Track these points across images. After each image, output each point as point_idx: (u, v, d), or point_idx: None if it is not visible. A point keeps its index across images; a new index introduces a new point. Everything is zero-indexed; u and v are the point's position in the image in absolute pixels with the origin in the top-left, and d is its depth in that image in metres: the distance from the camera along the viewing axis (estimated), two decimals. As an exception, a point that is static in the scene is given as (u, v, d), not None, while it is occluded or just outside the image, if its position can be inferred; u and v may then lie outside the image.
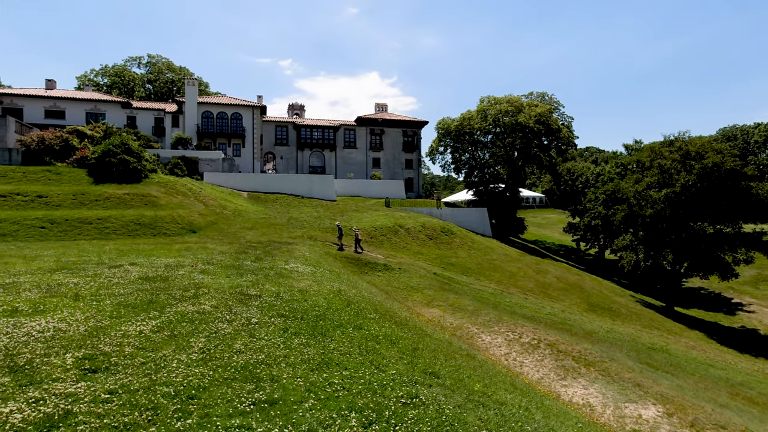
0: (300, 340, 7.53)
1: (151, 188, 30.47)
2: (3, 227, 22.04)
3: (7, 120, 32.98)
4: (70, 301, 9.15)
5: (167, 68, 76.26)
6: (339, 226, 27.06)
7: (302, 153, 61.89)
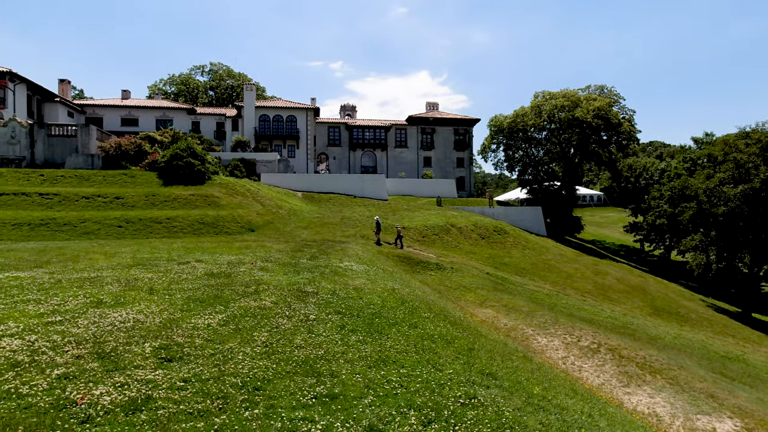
0: (357, 337, 7.69)
1: (213, 189, 32.15)
2: (87, 226, 24.17)
3: (90, 129, 36.04)
4: (146, 295, 9.87)
5: (227, 75, 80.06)
6: (378, 221, 27.23)
7: (354, 153, 62.84)
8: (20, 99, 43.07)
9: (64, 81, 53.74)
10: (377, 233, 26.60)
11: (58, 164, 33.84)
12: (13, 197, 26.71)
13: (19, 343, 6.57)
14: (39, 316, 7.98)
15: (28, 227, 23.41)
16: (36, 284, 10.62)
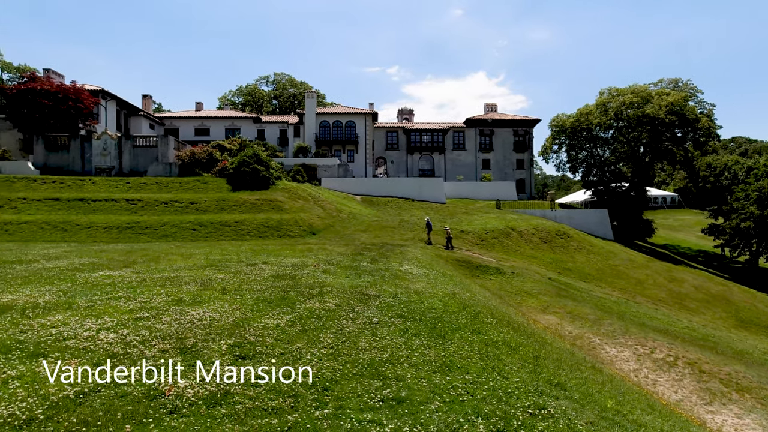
0: (420, 341, 7.71)
1: (277, 194, 33.54)
2: (166, 229, 26.14)
3: (168, 139, 39.04)
4: (219, 294, 10.50)
5: (290, 84, 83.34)
6: (428, 222, 28.01)
7: (412, 156, 62.95)
8: (111, 114, 47.55)
9: (146, 96, 58.73)
10: (428, 233, 27.60)
11: (141, 172, 36.91)
12: (104, 203, 29.47)
13: (114, 336, 7.24)
14: (129, 311, 8.74)
15: (117, 230, 25.70)
16: (125, 282, 11.64)
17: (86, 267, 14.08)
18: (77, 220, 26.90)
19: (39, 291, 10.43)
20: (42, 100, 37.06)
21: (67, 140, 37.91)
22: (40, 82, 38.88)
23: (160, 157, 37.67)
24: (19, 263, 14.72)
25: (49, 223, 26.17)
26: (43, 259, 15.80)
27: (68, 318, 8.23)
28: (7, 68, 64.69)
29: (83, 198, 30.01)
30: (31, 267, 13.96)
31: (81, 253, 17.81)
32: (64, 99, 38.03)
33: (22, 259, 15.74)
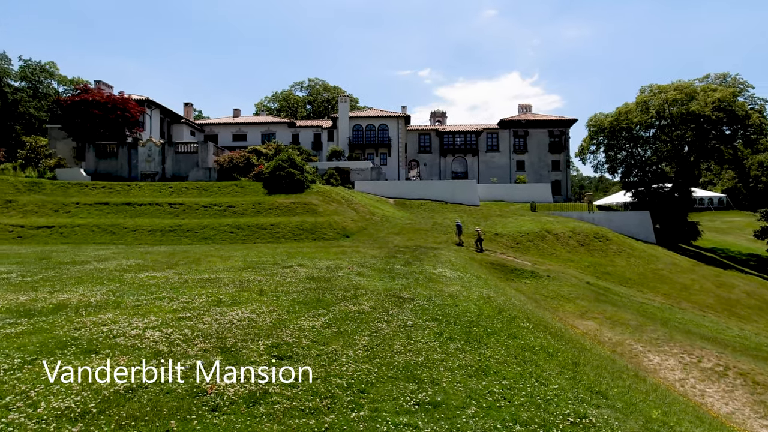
0: (455, 345, 7.65)
1: (311, 197, 34.08)
2: (206, 232, 27.05)
3: (208, 145, 40.48)
4: (257, 296, 10.76)
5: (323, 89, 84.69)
6: (458, 224, 28.19)
7: (445, 159, 62.59)
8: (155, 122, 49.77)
9: (188, 104, 61.16)
10: (458, 235, 27.77)
11: (183, 177, 38.38)
12: (149, 207, 30.82)
13: (159, 335, 7.55)
14: (173, 311, 9.10)
15: (160, 233, 26.81)
16: (168, 283, 12.12)
17: (133, 268, 14.76)
18: (124, 223, 28.25)
19: (91, 291, 11.02)
20: (93, 110, 39.21)
21: (115, 148, 39.93)
22: (91, 93, 41.16)
23: (201, 163, 39.06)
24: (72, 264, 15.60)
25: (99, 226, 27.61)
26: (94, 260, 16.68)
27: (117, 317, 8.65)
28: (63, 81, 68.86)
29: (130, 202, 31.51)
30: (83, 268, 14.77)
31: (128, 254, 18.70)
32: (113, 109, 40.10)
33: (75, 260, 16.67)
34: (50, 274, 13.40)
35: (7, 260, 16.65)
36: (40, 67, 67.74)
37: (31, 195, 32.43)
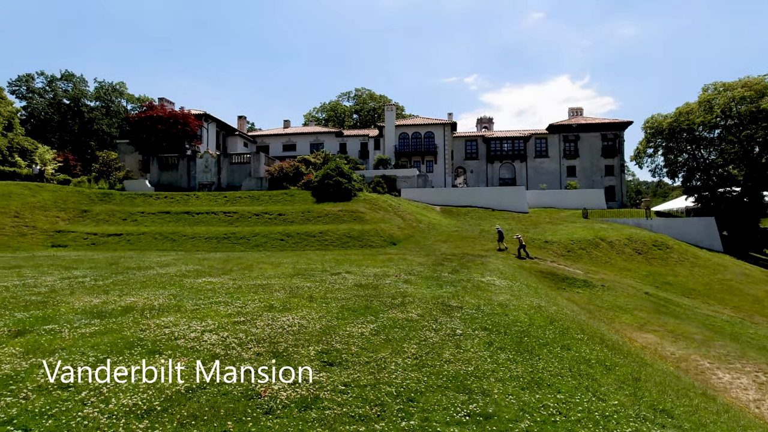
0: (506, 355, 7.46)
1: (358, 205, 34.53)
2: (257, 239, 28.07)
3: (260, 156, 42.18)
4: (306, 302, 11.01)
5: (370, 98, 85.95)
6: (499, 230, 28.00)
7: (492, 165, 61.53)
8: (211, 134, 52.45)
9: (241, 117, 64.10)
10: (499, 241, 27.62)
11: (236, 187, 40.13)
12: (205, 215, 32.42)
13: (216, 338, 7.89)
14: (228, 316, 9.49)
15: (216, 240, 28.10)
16: (224, 289, 12.66)
17: (191, 273, 15.55)
18: (183, 231, 29.86)
19: (154, 294, 11.71)
20: (157, 125, 41.99)
21: (176, 160, 42.45)
22: (155, 110, 44.11)
23: (253, 173, 40.68)
24: (138, 269, 16.67)
25: (161, 234, 29.36)
26: (156, 266, 17.74)
27: (178, 319, 9.12)
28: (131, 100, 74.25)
29: (188, 211, 33.29)
30: (147, 273, 15.74)
31: (186, 261, 19.72)
32: (174, 123, 42.73)
33: (141, 265, 17.80)
34: (119, 279, 14.38)
35: (82, 265, 18.05)
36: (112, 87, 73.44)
37: (103, 205, 35.03)
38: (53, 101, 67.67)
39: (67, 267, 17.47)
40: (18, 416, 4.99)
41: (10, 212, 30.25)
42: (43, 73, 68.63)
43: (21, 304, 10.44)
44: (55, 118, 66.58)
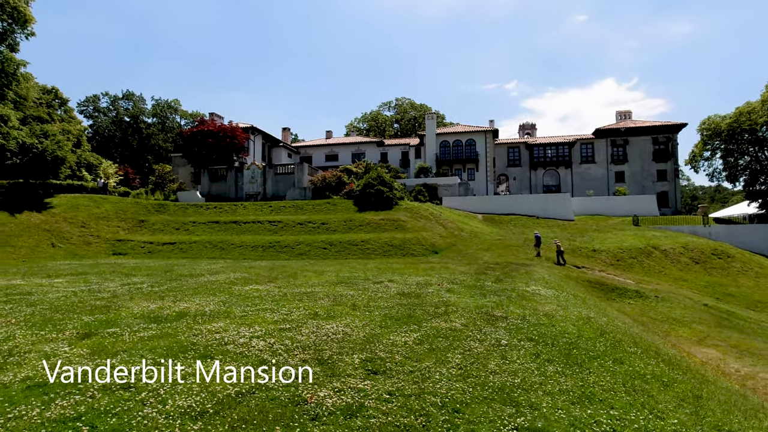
0: (554, 367, 7.22)
1: (399, 214, 34.61)
2: (301, 248, 28.71)
3: (303, 166, 43.29)
4: (350, 310, 11.13)
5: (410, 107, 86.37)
6: (537, 236, 27.64)
7: (535, 172, 60.07)
8: (257, 146, 54.37)
9: (285, 129, 66.07)
10: (537, 247, 27.26)
11: (281, 197, 41.30)
12: (251, 225, 33.55)
13: (263, 344, 8.13)
14: (274, 322, 9.75)
15: (261, 249, 28.98)
16: (270, 296, 13.03)
17: (239, 281, 16.11)
18: (231, 239, 31.02)
19: (205, 301, 12.23)
20: (208, 139, 44.07)
21: (224, 171, 44.30)
22: (206, 124, 46.34)
23: (297, 183, 41.75)
24: (190, 276, 17.46)
25: (210, 243, 30.63)
26: (207, 273, 18.51)
27: (227, 325, 9.47)
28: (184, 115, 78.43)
29: (236, 221, 34.57)
30: (198, 280, 16.46)
31: (234, 268, 20.45)
32: (223, 137, 44.69)
33: (192, 273, 18.63)
34: (173, 285, 15.12)
35: (140, 272, 19.13)
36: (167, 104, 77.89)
37: (158, 215, 37.02)
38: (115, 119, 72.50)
39: (127, 274, 18.57)
40: (85, 414, 5.34)
41: (77, 222, 32.54)
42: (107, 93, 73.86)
43: (87, 309, 11.20)
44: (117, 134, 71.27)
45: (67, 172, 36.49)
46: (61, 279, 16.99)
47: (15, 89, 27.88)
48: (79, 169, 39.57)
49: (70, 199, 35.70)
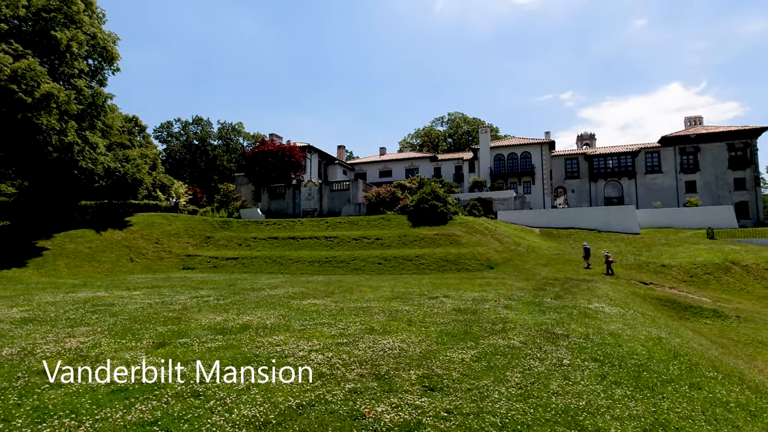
0: (622, 391, 6.83)
1: (454, 228, 34.28)
2: (356, 263, 29.16)
3: (358, 182, 44.19)
4: (405, 326, 11.15)
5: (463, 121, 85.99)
6: (586, 248, 27.53)
7: (595, 184, 57.42)
8: (314, 164, 56.23)
9: (341, 147, 67.99)
10: (586, 258, 27.16)
11: (336, 213, 42.29)
12: (309, 240, 34.56)
13: (322, 357, 8.34)
14: (332, 337, 9.98)
15: (318, 264, 29.73)
16: (327, 310, 13.34)
17: (297, 295, 16.63)
18: (289, 255, 32.10)
19: (266, 314, 12.74)
20: (268, 158, 46.26)
21: (283, 189, 46.15)
22: (266, 144, 48.72)
23: (351, 199, 42.62)
24: (251, 290, 18.26)
25: (270, 258, 31.87)
26: (267, 287, 19.27)
27: (287, 339, 9.81)
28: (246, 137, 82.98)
29: (294, 237, 35.78)
30: (259, 294, 17.17)
31: (293, 283, 21.13)
32: (282, 156, 46.71)
33: (253, 287, 19.48)
34: (236, 299, 15.89)
35: (206, 286, 20.27)
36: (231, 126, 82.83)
37: (223, 232, 39.14)
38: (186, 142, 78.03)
39: (195, 287, 19.74)
40: (161, 419, 5.75)
41: (152, 239, 35.13)
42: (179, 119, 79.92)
43: (161, 320, 12.04)
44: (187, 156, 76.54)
45: (144, 193, 39.65)
46: (138, 291, 18.38)
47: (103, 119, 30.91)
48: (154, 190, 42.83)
49: (146, 217, 38.66)
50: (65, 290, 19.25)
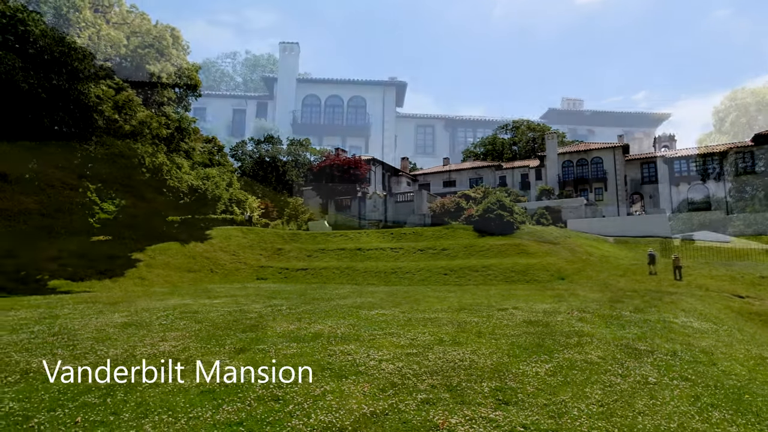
0: (721, 414, 6.27)
1: (521, 238, 33.22)
2: (422, 274, 29.15)
3: (422, 193, 44.40)
4: (475, 337, 10.98)
5: (528, 128, 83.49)
6: (651, 254, 26.66)
7: (677, 189, 53.06)
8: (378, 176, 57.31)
9: (404, 158, 68.75)
10: (651, 264, 26.90)
11: (401, 223, 42.66)
12: (374, 251, 35.11)
13: (392, 367, 8.45)
14: (401, 347, 10.07)
15: (384, 275, 30.08)
16: (395, 320, 13.47)
17: (365, 305, 16.94)
18: (356, 266, 32.77)
19: (336, 323, 13.11)
20: (334, 172, 47.85)
21: (349, 201, 47.40)
22: (332, 159, 50.45)
23: (416, 210, 42.79)
24: (321, 300, 18.88)
25: (337, 269, 32.75)
26: (336, 297, 19.83)
27: (357, 348, 10.04)
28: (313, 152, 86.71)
29: (360, 248, 36.51)
30: (329, 304, 17.71)
31: (360, 293, 21.55)
32: (348, 170, 48.11)
33: (323, 297, 20.12)
34: (307, 308, 16.50)
35: (279, 296, 21.25)
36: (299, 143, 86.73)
37: (293, 243, 40.86)
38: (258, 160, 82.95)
39: (268, 297, 20.77)
40: (246, 420, 6.14)
41: (229, 251, 37.49)
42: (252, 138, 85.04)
43: (240, 327, 12.81)
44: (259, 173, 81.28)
45: (222, 208, 42.52)
46: (219, 300, 19.68)
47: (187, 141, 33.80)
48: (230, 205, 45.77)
49: (224, 230, 41.36)
50: (157, 298, 21.07)
